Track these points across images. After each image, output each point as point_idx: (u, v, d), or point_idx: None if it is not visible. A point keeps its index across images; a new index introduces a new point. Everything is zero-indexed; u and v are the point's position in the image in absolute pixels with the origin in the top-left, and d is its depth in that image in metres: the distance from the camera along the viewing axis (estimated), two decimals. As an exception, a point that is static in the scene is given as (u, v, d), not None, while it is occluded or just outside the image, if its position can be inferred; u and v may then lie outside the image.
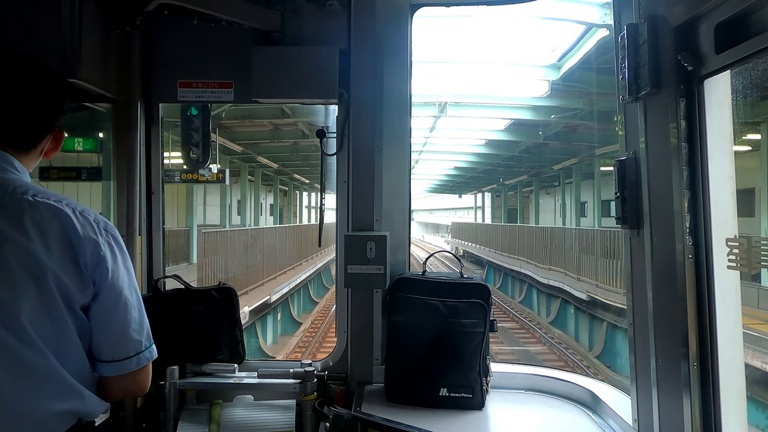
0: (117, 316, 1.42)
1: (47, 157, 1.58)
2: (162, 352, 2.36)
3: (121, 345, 1.44)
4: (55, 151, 1.57)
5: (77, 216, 1.38)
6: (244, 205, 29.38)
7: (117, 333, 1.43)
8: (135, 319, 1.45)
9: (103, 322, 1.41)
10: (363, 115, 2.49)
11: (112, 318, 1.42)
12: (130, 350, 1.44)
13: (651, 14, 1.66)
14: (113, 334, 1.43)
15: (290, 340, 16.35)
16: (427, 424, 2.05)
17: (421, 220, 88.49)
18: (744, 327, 1.66)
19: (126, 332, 1.44)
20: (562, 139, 23.67)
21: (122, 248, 1.46)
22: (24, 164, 1.46)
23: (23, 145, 1.46)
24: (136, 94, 2.42)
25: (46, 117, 1.50)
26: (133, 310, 1.45)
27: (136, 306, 1.46)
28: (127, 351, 1.44)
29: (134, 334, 1.45)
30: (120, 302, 1.42)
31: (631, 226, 1.85)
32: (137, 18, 2.35)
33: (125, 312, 1.43)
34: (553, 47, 15.55)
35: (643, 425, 1.86)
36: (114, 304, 1.41)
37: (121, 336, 1.44)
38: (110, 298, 1.40)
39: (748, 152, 14.68)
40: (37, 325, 1.28)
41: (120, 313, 1.42)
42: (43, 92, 1.48)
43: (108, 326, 1.42)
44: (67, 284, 1.32)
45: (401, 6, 2.51)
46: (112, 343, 1.43)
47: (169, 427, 2.33)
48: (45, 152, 1.54)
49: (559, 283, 18.97)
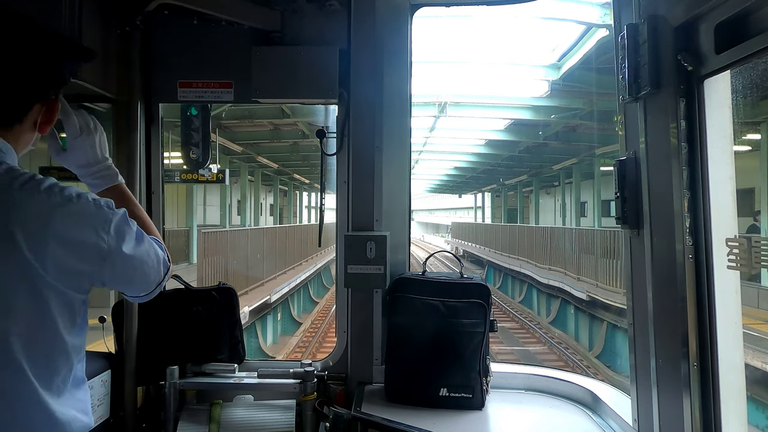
0: (136, 280, 1.41)
1: (42, 131, 1.36)
2: (162, 352, 2.39)
3: (144, 287, 1.45)
4: (49, 125, 1.36)
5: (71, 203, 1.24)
6: (244, 205, 29.36)
7: (138, 287, 1.44)
8: (153, 267, 1.42)
9: (121, 285, 1.41)
10: (363, 115, 2.49)
11: (131, 282, 1.42)
12: (152, 286, 1.46)
13: (651, 14, 1.66)
14: (134, 288, 1.44)
15: (290, 340, 16.34)
16: (427, 424, 2.05)
17: (421, 220, 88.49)
18: (744, 327, 1.66)
19: (148, 282, 1.44)
20: (562, 139, 23.67)
21: (121, 229, 1.32)
22: (10, 142, 1.27)
23: (3, 118, 1.26)
24: (136, 94, 2.42)
25: (31, 82, 1.27)
26: (147, 265, 1.41)
27: (152, 257, 1.42)
28: (149, 288, 1.46)
29: (153, 276, 1.44)
30: (136, 272, 1.39)
31: (631, 226, 1.85)
32: (137, 18, 2.35)
33: (143, 273, 1.41)
34: (553, 47, 15.57)
35: (643, 425, 1.86)
36: (131, 275, 1.39)
37: (145, 286, 1.44)
38: (125, 273, 1.38)
39: (748, 152, 14.68)
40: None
41: (138, 276, 1.40)
42: (28, 51, 1.24)
43: (128, 285, 1.42)
44: (61, 289, 1.23)
45: (401, 6, 2.51)
46: (135, 290, 1.45)
47: (169, 427, 2.33)
48: (39, 125, 1.33)
49: (559, 283, 18.96)
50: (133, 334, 2.35)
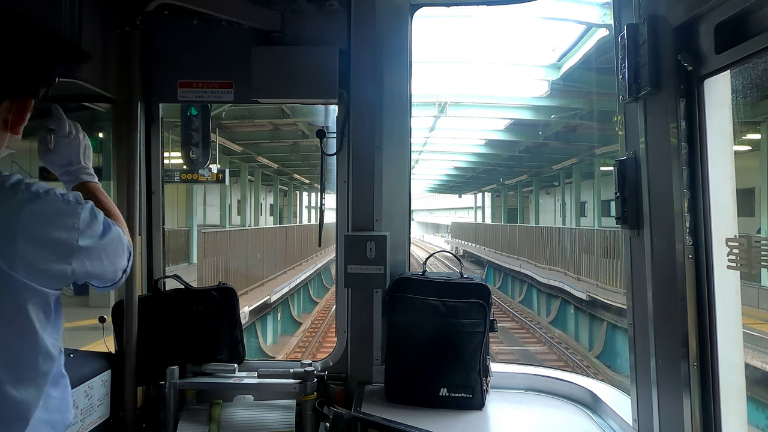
0: (107, 270, 1.39)
1: (14, 132, 1.26)
2: (162, 352, 2.39)
3: (112, 276, 1.43)
4: (20, 124, 1.26)
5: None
6: (244, 205, 29.37)
7: (108, 276, 1.42)
8: (120, 255, 1.41)
9: (92, 278, 1.37)
10: (363, 115, 2.49)
11: (103, 274, 1.39)
12: (119, 274, 1.44)
13: (651, 14, 1.66)
14: (104, 278, 1.41)
15: (290, 340, 16.34)
16: (427, 424, 2.05)
17: (421, 220, 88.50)
18: (744, 327, 1.66)
19: (116, 270, 1.42)
20: (562, 139, 23.67)
21: (90, 222, 1.30)
22: None
23: None
24: (136, 94, 2.42)
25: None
26: (116, 255, 1.39)
27: (119, 246, 1.40)
28: (116, 276, 1.44)
29: (120, 264, 1.43)
30: (105, 263, 1.36)
31: (631, 226, 1.85)
32: (137, 18, 2.35)
33: (111, 263, 1.39)
34: (553, 47, 15.57)
35: (643, 425, 1.86)
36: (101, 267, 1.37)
37: (113, 275, 1.43)
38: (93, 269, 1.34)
39: (748, 152, 14.68)
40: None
41: (108, 266, 1.38)
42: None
43: (98, 277, 1.39)
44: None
45: (401, 6, 2.51)
46: (105, 281, 1.43)
47: (169, 427, 2.33)
48: (11, 125, 1.24)
49: (559, 283, 18.96)
50: (133, 334, 2.35)
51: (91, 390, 2.13)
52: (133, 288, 2.36)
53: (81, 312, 11.63)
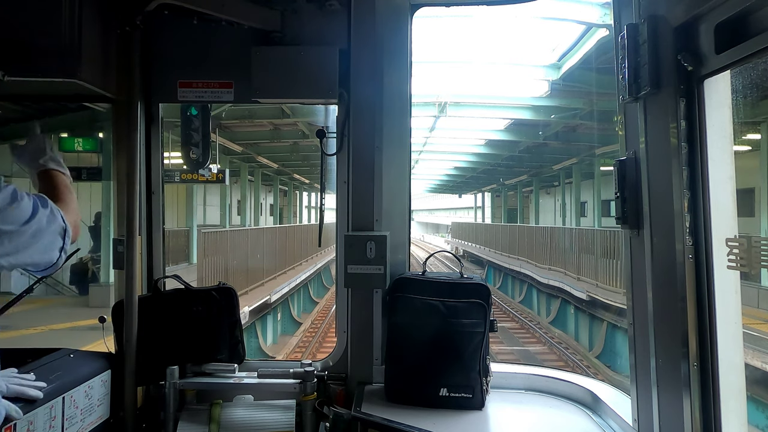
0: (36, 251, 1.36)
1: None
2: (162, 352, 2.39)
3: (46, 257, 1.41)
4: None
5: None
6: (244, 205, 29.37)
7: (40, 257, 1.39)
8: (52, 233, 1.39)
9: (22, 259, 1.34)
10: (363, 115, 2.49)
11: (33, 255, 1.36)
12: (53, 258, 1.42)
13: (651, 14, 1.66)
14: (37, 260, 1.39)
15: (290, 340, 16.34)
16: (427, 424, 2.05)
17: (421, 220, 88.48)
18: (744, 327, 1.66)
19: (50, 251, 1.39)
20: (562, 139, 23.66)
21: (10, 205, 1.28)
22: None
23: None
24: (136, 94, 2.42)
25: None
26: (45, 235, 1.36)
27: (50, 226, 1.38)
28: (51, 258, 1.42)
29: (56, 244, 1.41)
30: (34, 243, 1.34)
31: (631, 226, 1.85)
32: (137, 18, 2.35)
33: (40, 242, 1.36)
34: (553, 47, 15.54)
35: (643, 425, 1.86)
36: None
37: (46, 256, 1.40)
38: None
39: (748, 152, 14.68)
40: None
41: (38, 247, 1.36)
42: None
43: (30, 258, 1.36)
44: None
45: (401, 6, 2.51)
46: (38, 263, 1.40)
47: (169, 427, 2.33)
48: None
49: (559, 283, 18.96)
50: (133, 334, 2.35)
51: (91, 390, 2.14)
52: (133, 288, 2.37)
53: (81, 312, 11.65)
